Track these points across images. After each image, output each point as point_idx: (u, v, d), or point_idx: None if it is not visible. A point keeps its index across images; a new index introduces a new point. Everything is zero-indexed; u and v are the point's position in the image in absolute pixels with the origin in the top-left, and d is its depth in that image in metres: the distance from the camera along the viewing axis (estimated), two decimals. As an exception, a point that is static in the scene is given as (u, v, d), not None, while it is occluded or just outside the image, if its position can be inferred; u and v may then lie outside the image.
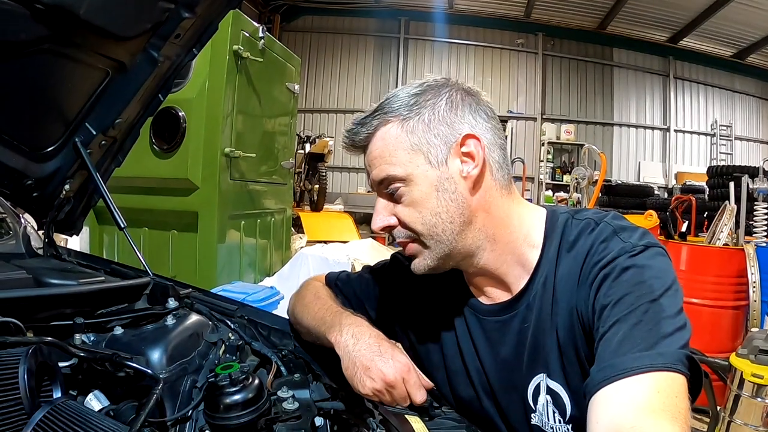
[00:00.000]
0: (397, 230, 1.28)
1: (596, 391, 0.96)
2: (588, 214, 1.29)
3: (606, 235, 1.19)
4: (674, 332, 1.00)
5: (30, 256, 1.77)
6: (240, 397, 1.03)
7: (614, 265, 1.12)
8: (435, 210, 1.22)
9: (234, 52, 4.67)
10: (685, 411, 0.91)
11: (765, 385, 3.03)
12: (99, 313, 1.34)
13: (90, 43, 1.46)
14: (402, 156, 1.23)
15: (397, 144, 1.24)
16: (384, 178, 1.25)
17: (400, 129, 1.24)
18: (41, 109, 1.58)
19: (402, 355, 1.22)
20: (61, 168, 1.73)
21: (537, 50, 15.34)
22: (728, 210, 5.29)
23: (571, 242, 1.24)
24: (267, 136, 5.67)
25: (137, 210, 4.61)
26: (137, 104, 1.76)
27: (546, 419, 1.26)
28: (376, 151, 1.26)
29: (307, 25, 15.73)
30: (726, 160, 14.66)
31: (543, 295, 1.25)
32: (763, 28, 13.17)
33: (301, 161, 10.38)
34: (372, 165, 1.27)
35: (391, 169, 1.23)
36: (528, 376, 1.28)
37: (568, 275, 1.21)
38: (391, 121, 1.25)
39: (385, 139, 1.25)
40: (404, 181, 1.23)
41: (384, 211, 1.28)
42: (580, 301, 1.17)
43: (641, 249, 1.13)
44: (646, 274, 1.09)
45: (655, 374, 0.93)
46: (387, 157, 1.24)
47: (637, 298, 1.05)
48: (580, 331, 1.18)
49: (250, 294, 3.67)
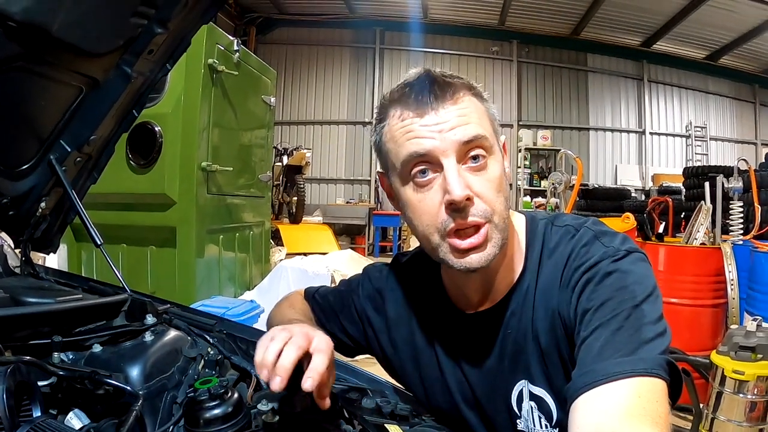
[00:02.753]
0: (474, 208, 1.12)
1: (577, 396, 0.96)
2: (567, 220, 1.29)
3: (587, 239, 1.20)
4: (655, 338, 1.00)
5: (7, 274, 1.75)
6: (219, 411, 1.03)
7: (597, 270, 1.12)
8: (505, 194, 1.18)
9: (209, 66, 4.68)
10: (665, 415, 0.91)
11: (746, 381, 3.06)
12: (77, 331, 1.33)
13: (63, 60, 1.45)
14: (488, 126, 1.18)
15: (483, 112, 1.19)
16: (476, 137, 1.12)
17: (478, 101, 1.19)
18: (15, 126, 1.57)
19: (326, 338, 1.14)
20: (36, 186, 1.72)
21: (512, 57, 15.47)
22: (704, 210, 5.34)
23: (551, 248, 1.25)
24: (244, 150, 5.68)
25: (115, 226, 4.59)
26: (112, 120, 1.75)
27: (532, 425, 1.26)
28: (467, 108, 1.14)
29: (282, 37, 15.73)
30: (701, 161, 14.87)
31: (525, 301, 1.25)
32: (735, 30, 13.40)
33: (279, 174, 10.39)
34: (461, 119, 1.13)
35: (484, 129, 1.15)
36: (510, 383, 1.28)
37: (550, 280, 1.21)
38: (474, 93, 1.19)
39: (475, 102, 1.18)
40: (489, 151, 1.15)
41: (464, 177, 1.12)
42: (562, 305, 1.17)
43: (624, 254, 1.14)
44: (629, 280, 1.09)
45: (636, 379, 0.94)
46: (477, 119, 1.15)
47: (619, 304, 1.05)
48: (563, 334, 1.18)
49: (230, 308, 3.66)
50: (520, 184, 14.71)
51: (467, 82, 1.20)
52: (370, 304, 1.52)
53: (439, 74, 1.19)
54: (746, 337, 3.17)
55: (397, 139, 1.16)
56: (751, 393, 3.07)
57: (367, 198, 15.19)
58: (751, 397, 3.07)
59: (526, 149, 14.91)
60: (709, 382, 3.31)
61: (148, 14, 1.52)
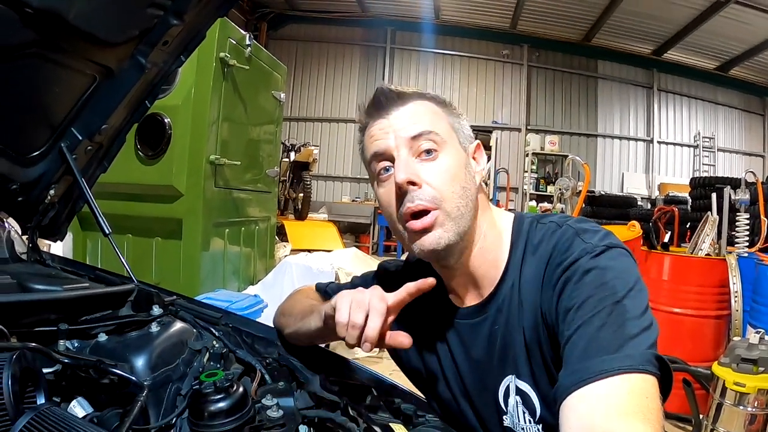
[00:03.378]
0: (420, 192, 1.21)
1: (566, 396, 0.95)
2: (552, 218, 1.31)
3: (568, 236, 1.20)
4: (640, 333, 1.00)
5: (14, 261, 1.75)
6: (224, 404, 1.03)
7: (576, 267, 1.12)
8: (463, 184, 1.25)
9: (220, 60, 4.67)
10: (657, 411, 0.91)
11: (747, 394, 3.06)
12: (83, 319, 1.33)
13: (78, 48, 1.45)
14: (443, 125, 1.28)
15: (438, 114, 1.30)
16: (422, 132, 1.24)
17: (437, 106, 1.31)
18: (27, 113, 1.58)
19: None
20: (46, 173, 1.72)
21: (522, 61, 15.46)
22: (710, 221, 5.33)
23: (535, 245, 1.26)
24: (252, 144, 5.67)
25: (121, 216, 4.58)
26: (124, 110, 1.76)
27: (517, 420, 1.27)
28: (417, 110, 1.28)
29: (293, 33, 15.74)
30: (708, 172, 14.84)
31: (511, 297, 1.26)
32: (746, 41, 13.37)
33: (286, 169, 10.38)
34: (409, 119, 1.26)
35: (434, 127, 1.26)
36: (498, 378, 1.29)
37: (533, 277, 1.23)
38: (428, 99, 1.32)
39: (426, 105, 1.30)
40: (441, 144, 1.25)
41: (409, 165, 1.23)
42: (544, 303, 1.18)
43: (602, 249, 1.14)
44: (608, 276, 1.09)
45: (624, 376, 0.93)
46: (428, 119, 1.27)
47: (600, 301, 1.04)
48: (544, 332, 1.18)
49: (233, 302, 3.65)
50: (526, 188, 14.72)
51: (423, 92, 1.34)
52: None
53: (391, 87, 1.32)
54: (748, 349, 3.17)
55: (366, 144, 1.33)
56: (752, 405, 3.07)
57: (373, 197, 15.14)
58: (751, 409, 3.07)
59: (534, 154, 14.89)
60: (709, 393, 3.32)
61: (165, 5, 1.53)
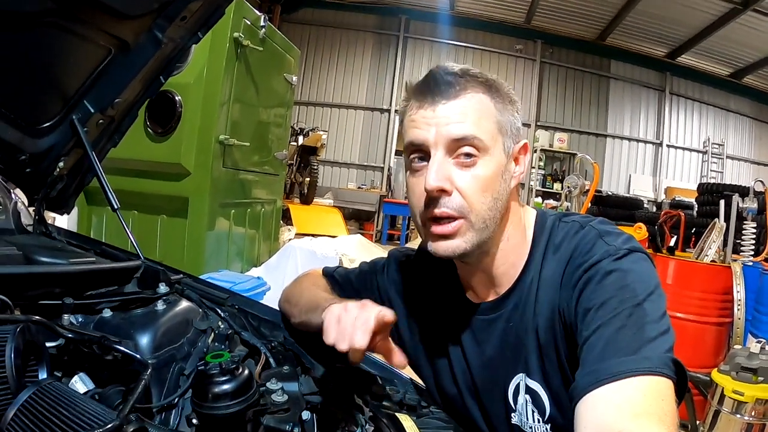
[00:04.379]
0: (449, 200, 1.17)
1: (582, 396, 0.96)
2: (575, 218, 1.31)
3: (590, 238, 1.20)
4: (658, 336, 1.00)
5: (20, 232, 1.74)
6: (229, 386, 1.02)
7: (598, 269, 1.13)
8: (495, 195, 1.21)
9: (234, 40, 4.65)
10: (672, 414, 0.91)
11: (745, 402, 3.06)
12: (88, 294, 1.32)
13: (95, 19, 1.44)
14: (489, 126, 1.20)
15: (488, 113, 1.21)
16: (466, 137, 1.16)
17: (490, 101, 1.22)
18: (40, 83, 1.57)
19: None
20: (56, 145, 1.71)
21: (535, 57, 15.39)
22: (717, 227, 5.32)
23: (557, 244, 1.26)
24: (262, 126, 5.65)
25: (127, 192, 4.55)
26: (138, 85, 1.75)
27: (525, 419, 1.27)
28: (467, 107, 1.18)
29: (307, 17, 15.67)
30: (716, 178, 14.78)
31: (528, 295, 1.26)
32: (761, 49, 13.27)
33: (294, 153, 10.37)
34: (454, 118, 1.17)
35: (479, 132, 1.18)
36: (509, 376, 1.29)
37: (552, 276, 1.23)
38: (483, 89, 1.22)
39: (479, 101, 1.20)
40: (483, 151, 1.18)
41: (442, 170, 1.17)
42: (562, 302, 1.18)
43: (625, 253, 1.14)
44: (630, 278, 1.10)
45: (640, 378, 0.94)
46: (476, 119, 1.18)
47: (620, 303, 1.05)
48: (561, 332, 1.19)
49: (236, 283, 3.64)
50: (532, 184, 14.68)
51: (485, 80, 1.24)
52: (394, 288, 1.54)
53: (451, 70, 1.23)
54: (749, 358, 3.16)
55: (405, 126, 1.25)
56: (749, 414, 3.07)
57: (379, 185, 15.17)
58: (748, 418, 3.06)
59: (542, 150, 14.85)
60: (707, 400, 3.31)
61: (185, -22, 1.51)
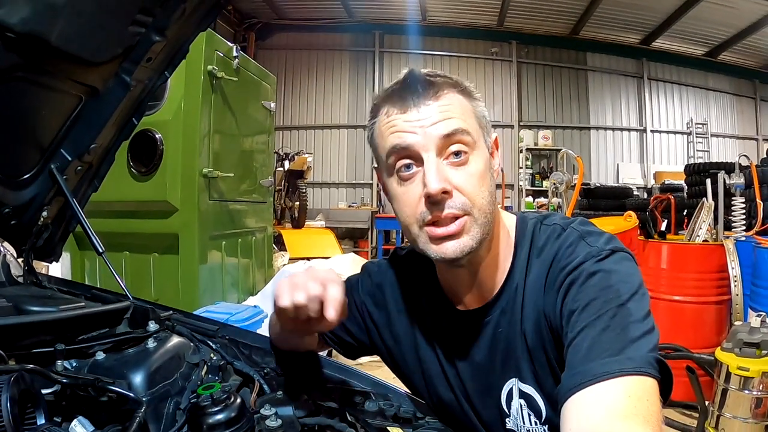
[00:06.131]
0: (452, 200, 1.16)
1: (567, 398, 0.96)
2: (555, 220, 1.31)
3: (572, 239, 1.21)
4: (642, 336, 1.01)
5: (10, 284, 1.75)
6: (222, 416, 1.03)
7: (581, 270, 1.13)
8: (490, 188, 1.21)
9: (209, 72, 4.67)
10: (656, 414, 0.92)
11: (751, 378, 3.07)
12: (80, 338, 1.33)
13: (62, 69, 1.46)
14: (472, 121, 1.21)
15: (467, 109, 1.23)
16: (456, 131, 1.17)
17: (464, 98, 1.23)
18: (16, 136, 1.58)
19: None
20: (38, 195, 1.72)
21: (511, 58, 15.43)
22: (706, 206, 5.34)
23: (539, 247, 1.26)
24: (245, 155, 5.67)
25: (117, 234, 4.59)
26: (111, 128, 1.76)
27: (521, 422, 1.28)
28: (450, 104, 1.19)
29: (282, 42, 15.72)
30: (703, 158, 14.82)
31: (515, 300, 1.26)
32: (734, 25, 13.37)
33: (281, 179, 10.39)
34: (440, 116, 1.17)
35: (466, 125, 1.19)
36: (501, 381, 1.30)
37: (536, 280, 1.23)
38: (456, 89, 1.23)
39: (457, 98, 1.22)
40: (471, 147, 1.19)
41: (441, 171, 1.16)
42: (547, 306, 1.19)
43: (607, 253, 1.15)
44: (613, 279, 1.10)
45: (624, 378, 0.94)
46: (460, 114, 1.19)
47: (604, 303, 1.06)
48: (548, 335, 1.19)
49: (233, 314, 3.66)
50: (522, 184, 14.70)
51: (454, 80, 1.26)
52: (371, 300, 1.54)
53: (423, 73, 1.25)
54: (750, 333, 3.18)
55: (384, 134, 1.22)
56: (757, 389, 3.08)
57: (370, 201, 15.16)
58: (756, 393, 3.07)
59: (527, 149, 14.88)
60: (714, 380, 3.32)
61: (146, 22, 1.54)
